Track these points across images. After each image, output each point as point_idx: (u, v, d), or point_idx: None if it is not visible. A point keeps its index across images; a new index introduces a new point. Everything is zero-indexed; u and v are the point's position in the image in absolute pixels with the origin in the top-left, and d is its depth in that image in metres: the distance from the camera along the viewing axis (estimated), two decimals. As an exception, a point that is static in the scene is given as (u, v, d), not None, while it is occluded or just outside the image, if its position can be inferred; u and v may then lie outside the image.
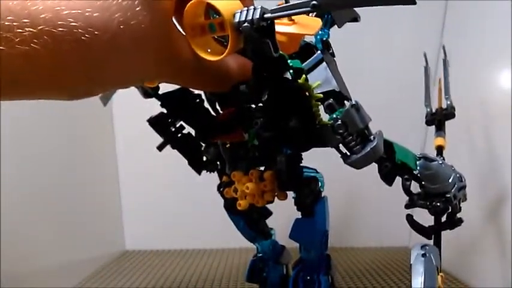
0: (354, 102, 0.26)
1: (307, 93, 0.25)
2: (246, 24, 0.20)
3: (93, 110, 0.68)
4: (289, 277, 0.39)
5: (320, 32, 0.32)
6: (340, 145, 0.26)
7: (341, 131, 0.25)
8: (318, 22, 0.29)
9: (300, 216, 0.33)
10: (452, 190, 0.31)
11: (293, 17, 0.28)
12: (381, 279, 0.57)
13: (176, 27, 0.22)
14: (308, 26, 0.28)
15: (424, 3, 0.56)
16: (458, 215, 0.33)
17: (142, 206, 0.77)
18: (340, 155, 0.27)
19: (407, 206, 0.32)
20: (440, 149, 0.47)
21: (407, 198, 0.32)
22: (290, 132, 0.26)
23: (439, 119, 0.49)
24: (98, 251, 0.70)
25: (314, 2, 0.19)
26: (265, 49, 0.22)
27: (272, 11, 0.21)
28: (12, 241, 0.45)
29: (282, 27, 0.28)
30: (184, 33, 0.22)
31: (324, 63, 0.29)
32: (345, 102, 0.28)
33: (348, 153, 0.26)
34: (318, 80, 0.29)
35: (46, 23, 0.16)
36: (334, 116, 0.26)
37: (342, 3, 0.19)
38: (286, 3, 0.21)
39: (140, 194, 0.77)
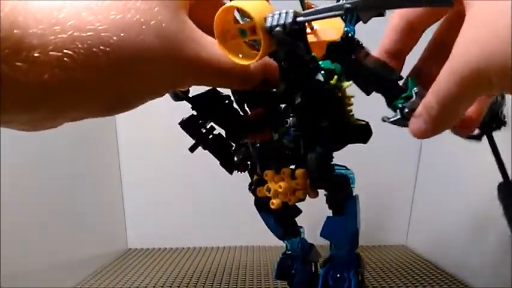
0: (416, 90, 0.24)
1: (339, 94, 0.26)
2: (278, 28, 0.21)
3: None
4: (317, 275, 0.39)
5: (345, 29, 0.31)
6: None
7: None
8: (340, 23, 0.29)
9: (331, 215, 0.33)
10: None
11: (312, 25, 0.28)
12: (379, 277, 0.56)
13: (195, 26, 0.22)
14: (330, 30, 0.28)
15: None
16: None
17: (145, 204, 0.76)
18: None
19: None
20: None
21: None
22: (322, 131, 0.26)
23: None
24: (100, 250, 0.69)
25: (347, 6, 0.19)
26: (298, 52, 0.22)
27: (304, 15, 0.21)
28: (12, 241, 0.45)
29: None
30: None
31: None
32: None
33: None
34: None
35: (74, 28, 0.17)
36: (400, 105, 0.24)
37: (375, 5, 0.19)
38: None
39: (143, 192, 0.76)
